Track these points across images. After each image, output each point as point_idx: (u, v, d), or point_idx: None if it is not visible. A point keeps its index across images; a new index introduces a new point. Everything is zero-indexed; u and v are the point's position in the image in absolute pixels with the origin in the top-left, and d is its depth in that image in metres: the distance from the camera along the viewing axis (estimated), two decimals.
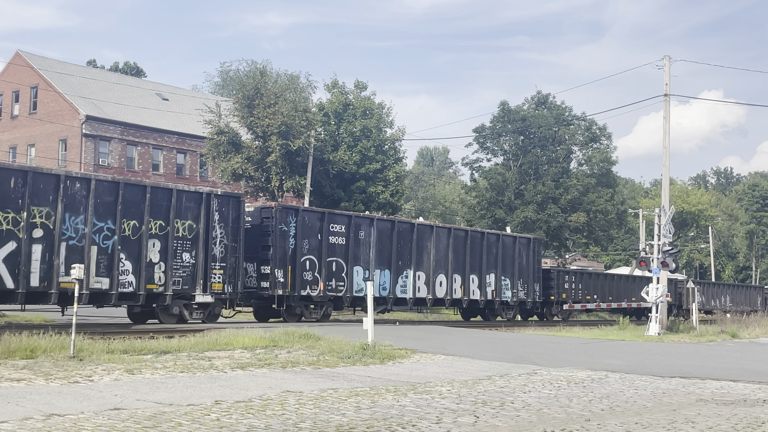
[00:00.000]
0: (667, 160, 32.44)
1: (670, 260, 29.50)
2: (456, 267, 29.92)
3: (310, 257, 24.75)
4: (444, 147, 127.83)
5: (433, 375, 12.87)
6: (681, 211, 65.74)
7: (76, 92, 50.18)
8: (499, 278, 31.93)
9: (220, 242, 21.83)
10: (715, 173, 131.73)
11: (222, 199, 22.00)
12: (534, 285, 33.91)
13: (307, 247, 24.66)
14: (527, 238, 34.64)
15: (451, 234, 29.91)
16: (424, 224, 29.69)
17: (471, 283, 30.60)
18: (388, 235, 27.29)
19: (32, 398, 8.96)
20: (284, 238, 23.95)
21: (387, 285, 27.19)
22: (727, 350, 21.90)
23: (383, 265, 27.05)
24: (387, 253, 27.20)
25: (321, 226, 25.10)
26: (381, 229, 27.10)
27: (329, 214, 25.76)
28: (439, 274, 29.22)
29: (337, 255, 25.58)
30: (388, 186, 41.98)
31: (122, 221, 19.69)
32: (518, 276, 32.96)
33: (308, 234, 24.73)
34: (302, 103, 41.19)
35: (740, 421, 9.28)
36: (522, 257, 33.31)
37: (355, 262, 26.05)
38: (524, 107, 53.89)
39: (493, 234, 32.77)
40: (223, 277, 21.80)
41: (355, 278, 25.99)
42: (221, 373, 11.99)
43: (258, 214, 24.10)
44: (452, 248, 29.68)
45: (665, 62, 31.80)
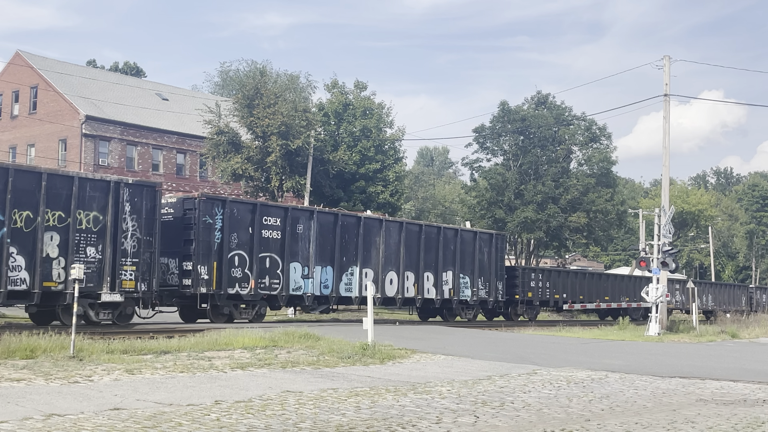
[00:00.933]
0: (667, 160, 32.45)
1: (670, 260, 29.53)
2: (409, 264, 28.29)
3: (239, 252, 22.95)
4: (444, 147, 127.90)
5: (433, 375, 12.87)
6: (681, 211, 65.71)
7: (76, 92, 50.16)
8: (457, 276, 30.24)
9: (132, 236, 19.93)
10: (715, 173, 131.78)
11: (134, 188, 20.09)
12: (497, 283, 32.22)
13: (237, 241, 22.85)
14: (489, 233, 32.97)
15: (403, 228, 28.25)
16: (371, 218, 27.96)
17: (425, 281, 28.98)
18: (330, 229, 25.59)
19: (32, 398, 8.96)
20: (209, 231, 22.13)
21: (329, 283, 25.50)
22: (727, 350, 21.91)
23: (325, 261, 25.39)
24: (329, 249, 25.52)
25: (253, 219, 23.29)
26: (322, 222, 25.43)
27: (262, 206, 24.07)
28: (389, 272, 27.59)
29: (272, 250, 23.80)
30: (388, 186, 41.99)
31: (13, 212, 17.92)
32: (479, 274, 31.27)
33: (238, 227, 22.92)
34: (302, 103, 41.20)
35: (740, 421, 9.28)
36: (483, 254, 31.62)
37: (292, 257, 24.34)
38: (524, 107, 53.87)
39: (450, 229, 31.17)
40: (135, 274, 19.90)
41: (292, 275, 24.30)
42: (221, 373, 11.99)
43: (180, 205, 22.34)
44: (404, 244, 28.03)
45: (665, 62, 31.81)
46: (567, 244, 56.62)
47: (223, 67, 70.90)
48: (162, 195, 21.39)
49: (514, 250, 56.03)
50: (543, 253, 58.89)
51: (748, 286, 60.08)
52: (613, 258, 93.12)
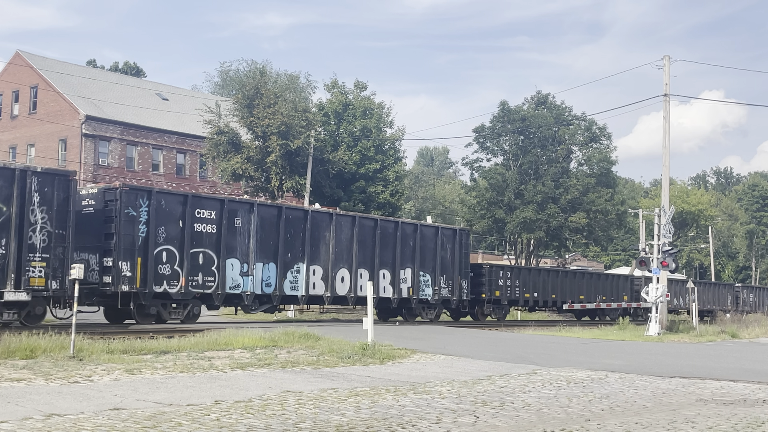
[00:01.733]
0: (667, 160, 32.45)
1: (670, 260, 29.53)
2: (363, 261, 26.62)
3: (168, 248, 21.22)
4: (444, 147, 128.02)
5: (433, 375, 12.87)
6: (681, 211, 65.69)
7: (76, 92, 50.17)
8: (416, 274, 28.60)
9: (42, 229, 18.15)
10: (715, 173, 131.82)
11: (44, 177, 18.18)
12: (461, 281, 30.43)
13: (165, 235, 21.14)
14: (452, 229, 31.33)
15: (356, 223, 26.53)
16: (320, 212, 26.53)
17: (381, 279, 27.28)
18: (273, 223, 23.95)
19: (32, 398, 8.96)
20: (132, 224, 20.42)
21: (272, 281, 23.87)
22: (727, 350, 21.91)
23: (267, 257, 23.71)
24: (272, 244, 23.87)
25: (184, 212, 21.55)
26: (264, 216, 23.78)
27: (194, 198, 22.35)
28: (340, 269, 25.91)
29: (206, 245, 22.09)
30: (388, 186, 41.98)
31: None
32: (441, 271, 29.59)
33: (166, 220, 21.19)
34: (302, 103, 41.18)
35: (740, 421, 9.28)
36: (446, 250, 29.93)
37: (229, 253, 22.66)
38: (524, 107, 53.87)
39: (409, 224, 29.48)
40: (46, 271, 18.07)
41: (229, 272, 22.65)
42: (221, 373, 11.99)
43: (101, 196, 20.66)
44: (358, 239, 26.38)
45: (665, 62, 31.81)
46: (567, 244, 56.61)
47: (223, 67, 70.54)
48: (78, 185, 19.87)
49: (514, 250, 56.04)
50: (543, 253, 58.88)
51: (734, 285, 56.66)
52: (613, 258, 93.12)
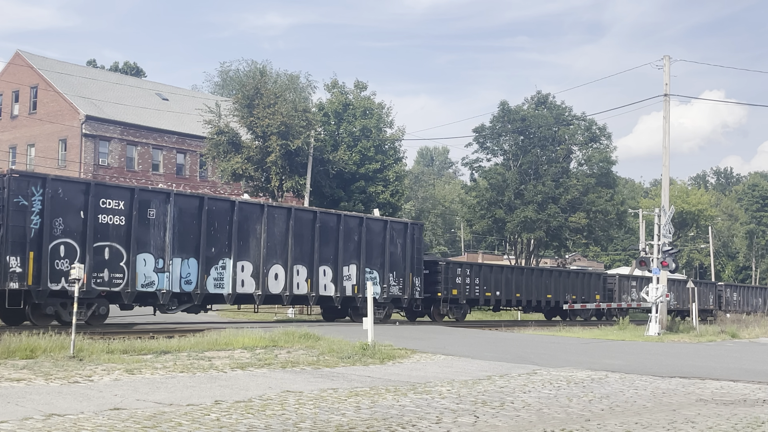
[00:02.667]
0: (667, 160, 32.45)
1: (670, 260, 29.52)
2: (299, 256, 24.73)
3: (66, 241, 19.29)
4: (444, 147, 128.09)
5: (433, 375, 12.87)
6: (681, 211, 65.72)
7: (76, 92, 50.18)
8: (362, 271, 26.62)
9: None
10: (715, 173, 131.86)
11: None
12: (413, 279, 28.61)
13: (63, 227, 19.18)
14: (403, 222, 29.35)
15: (292, 216, 24.58)
16: (249, 203, 24.58)
17: (322, 276, 25.41)
18: (194, 215, 21.95)
19: (32, 398, 8.96)
20: (22, 214, 18.52)
21: (192, 278, 21.82)
22: (727, 350, 21.91)
23: (187, 252, 21.69)
24: (193, 238, 21.85)
25: (86, 201, 19.60)
26: (183, 207, 21.73)
27: (98, 186, 20.30)
28: (273, 265, 24.01)
29: (112, 239, 20.11)
30: (388, 186, 41.98)
31: None
32: (390, 268, 27.72)
33: (64, 211, 19.24)
34: (302, 103, 41.20)
35: (740, 421, 9.28)
36: (396, 245, 28.06)
37: (140, 248, 20.60)
38: (524, 107, 53.90)
39: (353, 217, 27.41)
40: None
41: (141, 269, 20.63)
42: (221, 373, 11.99)
43: None
44: (294, 233, 24.47)
45: (665, 62, 31.80)
46: (567, 244, 56.62)
47: (223, 67, 70.89)
48: None
49: (514, 250, 56.06)
50: (543, 253, 58.90)
51: (717, 284, 53.79)
52: (613, 258, 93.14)
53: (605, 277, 42.29)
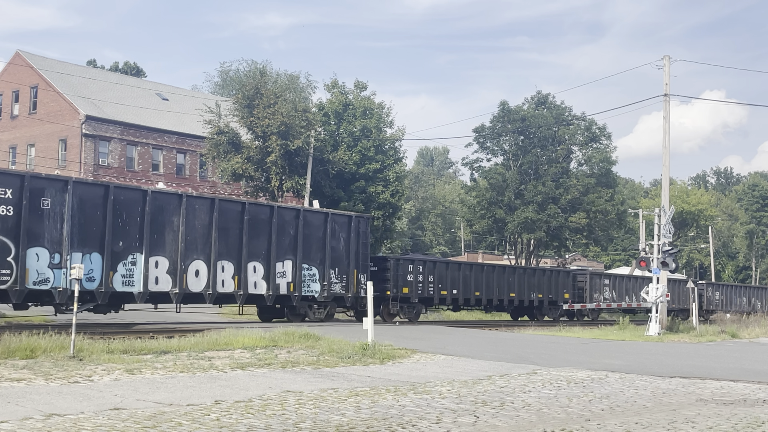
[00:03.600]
0: (667, 160, 32.45)
1: (670, 260, 29.53)
2: (225, 251, 22.79)
3: None
4: (444, 147, 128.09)
5: (433, 375, 12.87)
6: (681, 211, 65.73)
7: (76, 92, 50.17)
8: (299, 267, 24.81)
9: None
10: (715, 173, 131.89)
11: None
12: (359, 276, 26.75)
13: None
14: (346, 215, 27.28)
15: (216, 207, 22.57)
16: (164, 193, 22.56)
17: (251, 272, 23.51)
18: (98, 205, 19.91)
19: (32, 398, 8.96)
20: None
21: (96, 275, 19.76)
22: (727, 350, 21.91)
23: (89, 246, 19.63)
24: (97, 231, 19.80)
25: None
26: (84, 196, 19.72)
27: None
28: (194, 261, 21.98)
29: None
30: (388, 186, 41.96)
31: None
32: (331, 264, 25.87)
33: None
34: (302, 103, 41.18)
35: (740, 421, 9.28)
36: (339, 240, 26.29)
37: (32, 241, 18.76)
38: (524, 107, 53.91)
39: (289, 209, 25.61)
40: None
41: (33, 264, 18.75)
42: (221, 373, 12.00)
43: None
44: (218, 226, 22.51)
45: (665, 62, 31.81)
46: (567, 245, 56.64)
47: (223, 67, 70.95)
48: None
49: (514, 250, 56.06)
50: (543, 253, 58.92)
51: (698, 282, 51.26)
52: (613, 258, 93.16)
53: (575, 274, 40.15)
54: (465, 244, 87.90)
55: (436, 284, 31.36)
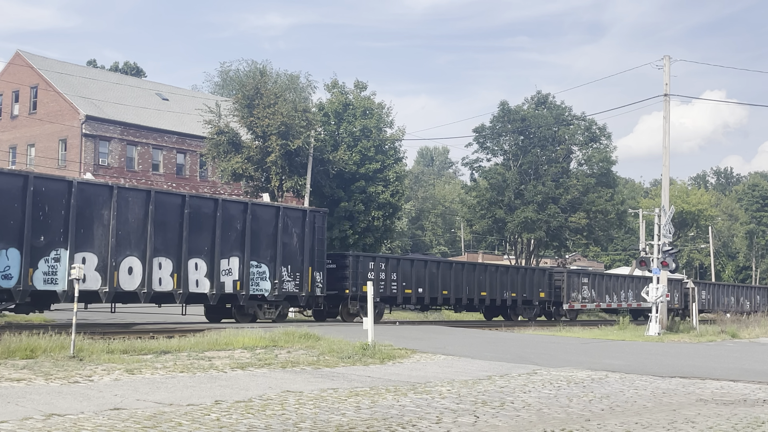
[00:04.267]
0: (667, 160, 32.45)
1: (670, 260, 29.54)
2: (163, 247, 21.32)
3: None
4: (444, 147, 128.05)
5: (433, 375, 12.87)
6: (681, 211, 65.74)
7: (76, 92, 50.18)
8: (247, 264, 23.40)
9: None
10: (715, 173, 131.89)
11: None
12: (314, 274, 25.42)
13: None
14: (300, 210, 25.97)
15: (152, 200, 21.10)
16: (93, 184, 20.90)
17: (193, 270, 22.01)
18: (15, 197, 18.53)
19: (32, 398, 8.96)
20: None
21: (13, 272, 18.44)
22: (727, 350, 21.91)
23: (5, 241, 18.39)
24: (14, 224, 18.49)
25: None
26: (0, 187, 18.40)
27: None
28: (126, 257, 20.52)
29: None
30: (388, 186, 41.97)
31: None
32: (284, 261, 24.48)
33: None
34: (302, 103, 41.17)
35: (740, 421, 9.28)
36: (292, 236, 24.85)
37: None
38: (524, 107, 53.93)
39: (235, 202, 24.31)
40: None
41: None
42: (221, 373, 12.00)
43: None
44: (155, 220, 21.06)
45: (665, 62, 31.81)
46: (567, 245, 56.66)
47: (223, 67, 70.93)
48: None
49: (514, 250, 56.07)
50: (543, 253, 58.95)
51: (682, 280, 49.00)
52: (613, 258, 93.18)
53: (551, 273, 38.39)
54: (465, 244, 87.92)
55: (399, 282, 29.92)
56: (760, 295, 55.90)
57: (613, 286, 41.40)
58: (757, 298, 55.18)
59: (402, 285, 30.03)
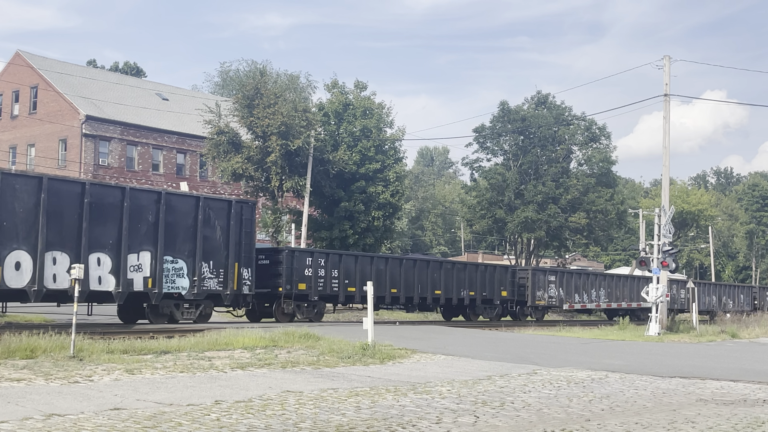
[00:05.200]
0: (667, 160, 32.45)
1: (670, 260, 29.54)
2: (58, 240, 19.34)
3: None
4: (444, 147, 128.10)
5: (433, 375, 12.87)
6: (681, 211, 65.72)
7: (76, 92, 50.18)
8: (160, 259, 21.27)
9: None
10: (715, 173, 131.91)
11: None
12: (241, 270, 23.38)
13: None
14: (225, 200, 24.10)
15: (45, 187, 19.09)
16: None
17: (95, 265, 19.97)
18: None
19: (32, 398, 8.96)
20: None
21: None
22: (727, 350, 21.91)
23: None
24: None
25: None
26: None
27: None
28: (13, 251, 18.62)
29: None
30: (388, 186, 41.97)
31: None
32: (205, 257, 22.41)
33: None
34: (302, 103, 41.18)
35: (740, 421, 9.28)
36: (215, 229, 22.84)
37: None
38: (524, 107, 53.93)
39: (146, 191, 22.24)
40: None
41: None
42: (221, 373, 12.00)
43: None
44: (47, 210, 19.05)
45: (665, 62, 31.81)
46: (567, 244, 56.65)
47: (223, 67, 71.01)
48: None
49: (514, 250, 56.06)
50: (543, 252, 58.97)
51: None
52: (613, 258, 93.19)
53: (514, 270, 36.31)
54: (465, 244, 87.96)
55: (341, 280, 27.71)
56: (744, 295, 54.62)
57: (583, 285, 38.98)
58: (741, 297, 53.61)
59: (344, 282, 27.91)
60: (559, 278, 37.54)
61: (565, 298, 37.46)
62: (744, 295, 53.77)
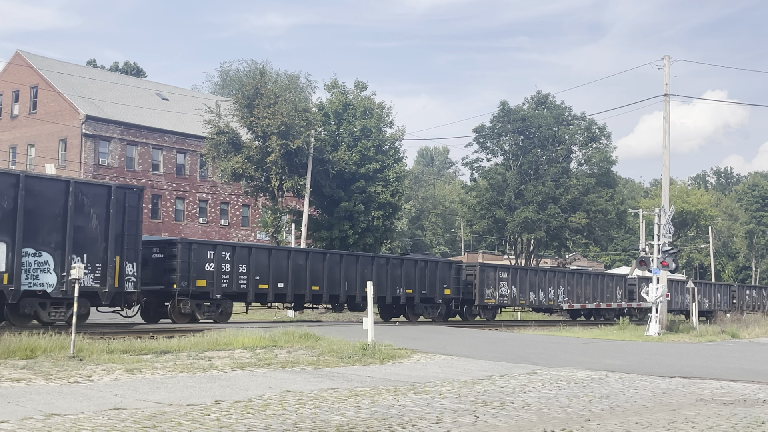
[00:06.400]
0: (667, 160, 32.45)
1: (670, 260, 29.55)
2: None
3: None
4: (444, 147, 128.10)
5: (433, 375, 12.87)
6: (681, 211, 65.75)
7: (76, 92, 50.18)
8: (18, 252, 18.43)
9: None
10: (715, 173, 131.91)
11: None
12: (123, 265, 20.40)
13: None
14: (103, 185, 20.88)
15: None
16: None
17: None
18: None
19: (32, 398, 8.96)
20: None
21: None
22: (727, 350, 21.91)
23: None
24: None
25: None
26: None
27: None
28: None
29: None
30: (388, 186, 41.97)
31: None
32: (76, 249, 19.44)
33: None
34: (302, 103, 41.17)
35: (740, 421, 9.28)
36: (90, 218, 19.91)
37: None
38: (524, 107, 53.97)
39: (2, 174, 18.92)
40: None
41: None
42: (221, 373, 12.00)
43: None
44: None
45: (665, 62, 31.81)
46: (567, 244, 56.68)
47: (223, 67, 70.85)
48: None
49: (514, 250, 56.09)
50: (543, 253, 59.00)
51: (626, 277, 42.84)
52: (613, 258, 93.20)
53: (459, 267, 33.25)
54: (465, 244, 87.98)
55: (251, 276, 24.86)
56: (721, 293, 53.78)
57: (539, 282, 36.00)
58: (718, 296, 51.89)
59: (255, 279, 24.96)
60: (511, 275, 34.79)
61: (518, 297, 34.88)
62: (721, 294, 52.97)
